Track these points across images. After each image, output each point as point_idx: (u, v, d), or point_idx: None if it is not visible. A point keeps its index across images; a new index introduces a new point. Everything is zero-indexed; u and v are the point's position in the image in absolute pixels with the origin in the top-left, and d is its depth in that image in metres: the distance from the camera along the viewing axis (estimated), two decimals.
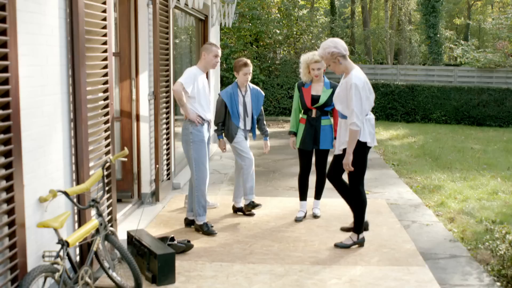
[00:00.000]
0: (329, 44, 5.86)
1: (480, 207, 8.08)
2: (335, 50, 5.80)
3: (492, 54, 22.28)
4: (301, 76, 6.98)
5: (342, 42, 5.95)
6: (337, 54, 5.80)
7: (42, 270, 3.79)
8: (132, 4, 7.24)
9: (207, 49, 6.58)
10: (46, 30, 4.33)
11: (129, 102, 7.32)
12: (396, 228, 6.87)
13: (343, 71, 5.94)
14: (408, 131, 17.19)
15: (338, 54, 5.80)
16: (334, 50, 5.80)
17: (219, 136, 7.20)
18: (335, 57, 5.81)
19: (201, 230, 6.58)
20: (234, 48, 20.95)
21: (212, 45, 6.64)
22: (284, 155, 12.15)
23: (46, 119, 4.37)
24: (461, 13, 45.78)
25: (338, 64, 5.86)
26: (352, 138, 5.76)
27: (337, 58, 5.81)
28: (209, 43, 6.70)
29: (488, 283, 5.31)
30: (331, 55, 5.82)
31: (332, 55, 5.82)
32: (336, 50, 5.80)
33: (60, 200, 4.60)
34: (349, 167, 5.89)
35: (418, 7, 28.43)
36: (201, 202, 6.56)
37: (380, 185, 9.36)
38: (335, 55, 5.81)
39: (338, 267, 5.57)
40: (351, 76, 5.74)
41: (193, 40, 11.45)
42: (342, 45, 5.88)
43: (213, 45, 6.65)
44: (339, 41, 5.92)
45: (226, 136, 7.12)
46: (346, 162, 5.88)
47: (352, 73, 5.77)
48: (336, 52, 5.80)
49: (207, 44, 6.69)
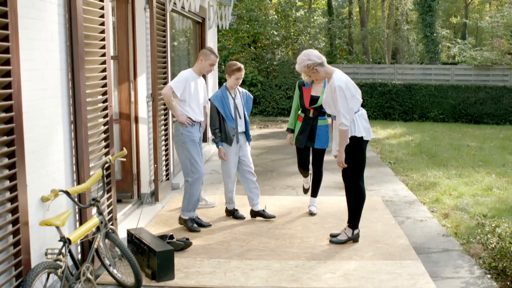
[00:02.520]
0: (303, 58, 6.08)
1: (474, 203, 8.21)
2: (310, 62, 6.00)
3: (489, 52, 22.39)
4: (302, 77, 7.11)
5: (315, 51, 6.13)
6: (312, 64, 6.00)
7: (45, 267, 3.93)
8: (129, 8, 7.37)
9: (206, 55, 6.64)
10: (46, 36, 4.47)
11: (127, 104, 7.46)
12: (390, 224, 7.02)
13: (325, 77, 6.15)
14: (405, 130, 17.32)
15: (313, 65, 6.00)
16: (309, 62, 6.01)
17: (218, 144, 6.98)
18: (311, 68, 6.02)
19: (184, 225, 6.73)
20: (232, 49, 21.08)
21: (212, 53, 6.66)
22: (282, 155, 12.29)
23: (48, 121, 4.51)
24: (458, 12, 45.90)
25: (317, 73, 6.07)
26: (342, 138, 5.93)
27: (314, 68, 6.01)
28: (210, 50, 6.71)
29: (479, 275, 5.45)
30: (308, 68, 6.04)
31: (309, 67, 6.03)
32: (310, 62, 6.00)
33: (61, 199, 4.74)
34: (342, 164, 6.05)
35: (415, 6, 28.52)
36: (192, 199, 6.67)
37: (376, 183, 9.50)
38: (311, 66, 6.01)
39: (333, 262, 5.71)
40: (333, 79, 5.91)
41: (190, 43, 11.59)
42: (315, 55, 6.06)
43: (213, 53, 6.67)
44: (311, 52, 6.11)
45: (225, 140, 6.99)
46: (339, 160, 6.05)
47: (334, 77, 5.94)
48: (311, 63, 6.00)
49: (208, 50, 6.72)
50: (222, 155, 7.00)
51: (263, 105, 20.61)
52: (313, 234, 6.61)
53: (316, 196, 7.52)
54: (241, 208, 7.50)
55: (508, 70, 21.26)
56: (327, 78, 6.10)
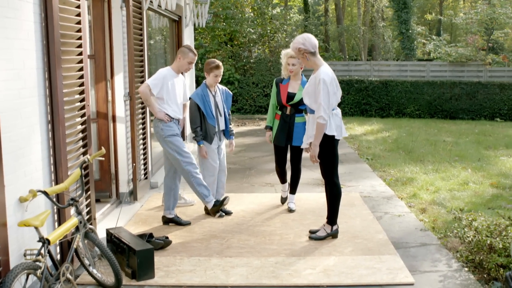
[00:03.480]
0: (299, 40, 6.05)
1: (451, 198, 8.31)
2: (302, 47, 6.00)
3: (464, 49, 22.63)
4: (282, 70, 7.15)
5: (312, 39, 6.08)
6: (303, 50, 6.00)
7: (24, 268, 3.89)
8: (105, 7, 7.33)
9: (184, 53, 6.64)
10: (22, 35, 4.44)
11: (105, 103, 7.42)
12: (369, 219, 7.07)
13: (312, 67, 6.14)
14: (382, 126, 17.45)
15: (305, 51, 6.00)
16: (301, 46, 6.00)
17: (199, 142, 7.00)
18: (302, 53, 6.02)
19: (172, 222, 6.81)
20: (208, 47, 21.04)
21: (190, 51, 6.68)
22: (260, 152, 12.31)
23: (25, 121, 4.48)
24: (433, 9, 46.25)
25: (306, 60, 6.08)
26: (318, 131, 5.95)
27: (305, 54, 6.01)
28: (188, 48, 6.72)
29: (456, 269, 5.52)
30: (299, 51, 6.04)
31: (299, 50, 6.02)
32: (303, 47, 5.99)
33: (40, 200, 4.71)
34: (315, 159, 6.08)
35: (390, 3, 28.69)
36: (202, 184, 6.73)
37: (354, 179, 9.56)
38: (302, 51, 6.01)
39: (313, 258, 5.75)
40: (320, 71, 5.94)
41: (167, 41, 11.55)
42: (311, 43, 6.03)
43: (192, 51, 6.68)
44: (309, 38, 6.06)
45: (205, 138, 7.01)
46: (312, 154, 6.08)
47: (321, 69, 5.97)
48: (303, 49, 5.99)
49: (186, 48, 6.72)
50: (204, 153, 7.01)
51: (240, 103, 20.61)
52: (292, 230, 6.64)
53: (294, 193, 7.55)
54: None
55: (482, 66, 21.51)
56: (314, 68, 6.10)
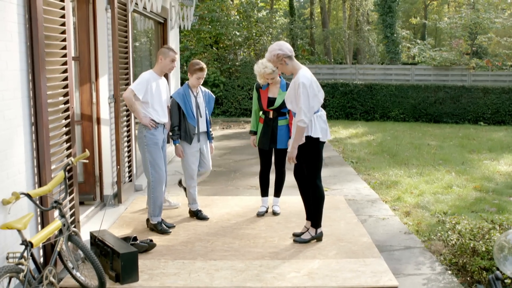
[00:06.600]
0: (275, 47, 6.11)
1: (435, 201, 8.36)
2: (280, 52, 6.04)
3: (448, 53, 22.79)
4: (257, 79, 7.15)
5: (287, 44, 6.18)
6: (282, 55, 6.04)
7: (6, 271, 3.86)
8: (90, 9, 7.30)
9: (164, 53, 6.61)
10: (5, 36, 4.41)
11: (89, 106, 7.39)
12: (353, 222, 7.09)
13: (291, 72, 6.18)
14: (367, 129, 17.51)
15: (283, 56, 6.04)
16: (279, 52, 6.04)
17: (175, 141, 6.94)
18: (281, 58, 6.05)
19: (155, 229, 6.69)
20: (194, 50, 21.03)
21: (169, 49, 6.66)
22: (245, 155, 12.31)
23: (8, 123, 4.45)
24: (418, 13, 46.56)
25: (285, 65, 6.11)
26: (298, 134, 5.98)
27: (283, 59, 6.05)
28: (167, 47, 6.70)
29: (440, 272, 5.55)
30: (277, 57, 6.07)
31: (278, 57, 6.05)
32: (281, 52, 6.04)
33: (23, 202, 4.67)
34: (293, 160, 6.12)
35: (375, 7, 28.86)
36: (157, 203, 6.66)
37: (339, 182, 9.59)
38: (281, 57, 6.04)
39: (297, 261, 5.75)
40: (299, 75, 5.97)
41: (152, 43, 11.52)
42: (287, 47, 6.11)
43: (170, 49, 6.66)
44: (284, 44, 6.17)
45: (184, 138, 6.96)
46: (290, 156, 6.12)
47: (300, 73, 6.00)
48: (282, 54, 6.03)
49: (165, 48, 6.69)
50: (180, 152, 7.00)
51: (225, 105, 20.60)
52: (277, 233, 6.64)
53: (279, 196, 7.55)
54: (205, 208, 7.51)
55: (466, 70, 21.68)
56: (293, 73, 6.13)
